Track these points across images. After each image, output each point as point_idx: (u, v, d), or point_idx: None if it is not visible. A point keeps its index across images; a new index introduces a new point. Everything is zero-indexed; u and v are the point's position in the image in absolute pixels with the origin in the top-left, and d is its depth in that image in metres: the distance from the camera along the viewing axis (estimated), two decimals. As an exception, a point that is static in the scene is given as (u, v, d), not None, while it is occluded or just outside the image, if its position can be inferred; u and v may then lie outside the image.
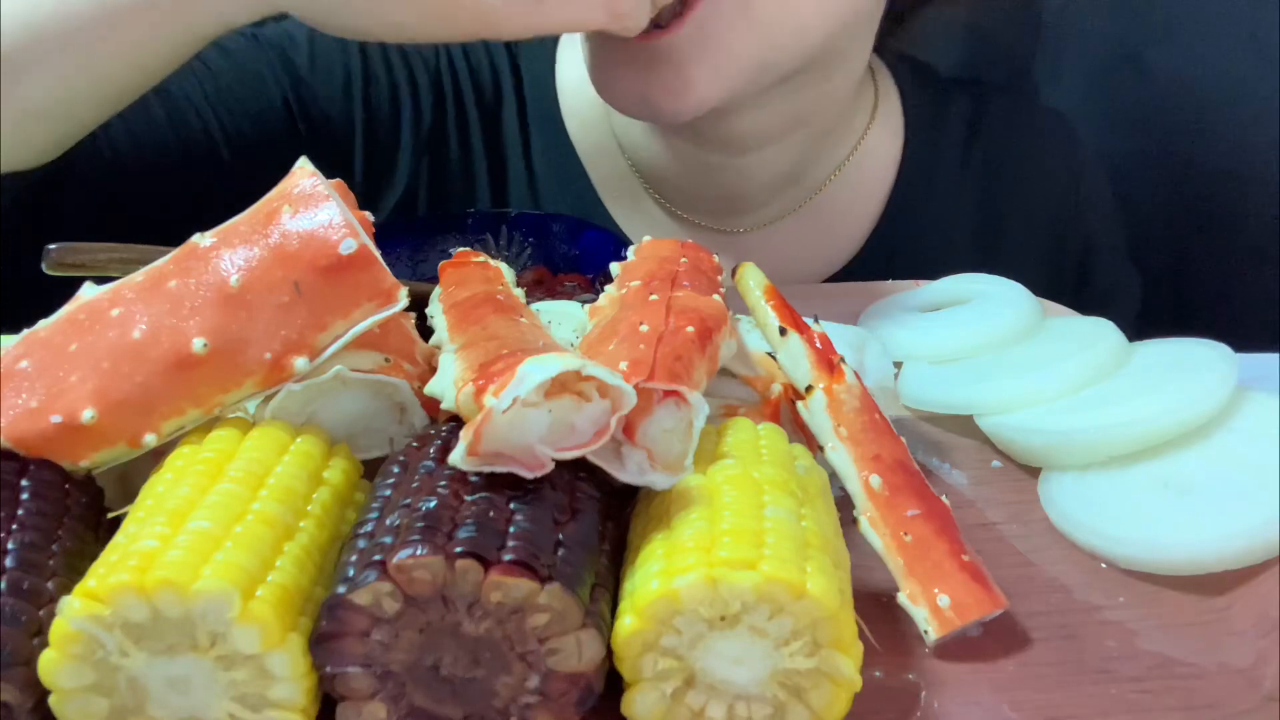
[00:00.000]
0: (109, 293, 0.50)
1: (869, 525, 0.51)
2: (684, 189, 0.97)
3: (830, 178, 0.99)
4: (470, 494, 0.43)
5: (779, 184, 0.96)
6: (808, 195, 0.98)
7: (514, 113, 0.98)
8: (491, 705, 0.41)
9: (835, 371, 0.55)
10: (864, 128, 1.00)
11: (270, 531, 0.42)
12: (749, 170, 0.94)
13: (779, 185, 0.96)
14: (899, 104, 1.02)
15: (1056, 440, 0.60)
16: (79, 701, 0.40)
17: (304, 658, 0.40)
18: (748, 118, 0.87)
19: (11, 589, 0.41)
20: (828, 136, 0.96)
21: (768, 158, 0.93)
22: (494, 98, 0.98)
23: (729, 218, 0.98)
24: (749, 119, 0.87)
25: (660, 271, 0.58)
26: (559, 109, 0.98)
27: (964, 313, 0.74)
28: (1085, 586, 0.54)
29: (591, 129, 0.98)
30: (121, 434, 0.48)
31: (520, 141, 0.98)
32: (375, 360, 0.52)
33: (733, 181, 0.94)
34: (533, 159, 0.98)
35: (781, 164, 0.94)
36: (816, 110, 0.91)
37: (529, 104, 0.99)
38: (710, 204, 0.97)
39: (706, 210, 0.98)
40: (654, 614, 0.41)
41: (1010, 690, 0.47)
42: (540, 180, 0.98)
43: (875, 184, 1.00)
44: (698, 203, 0.97)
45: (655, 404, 0.46)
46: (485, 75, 0.98)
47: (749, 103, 0.85)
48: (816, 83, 0.87)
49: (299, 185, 0.50)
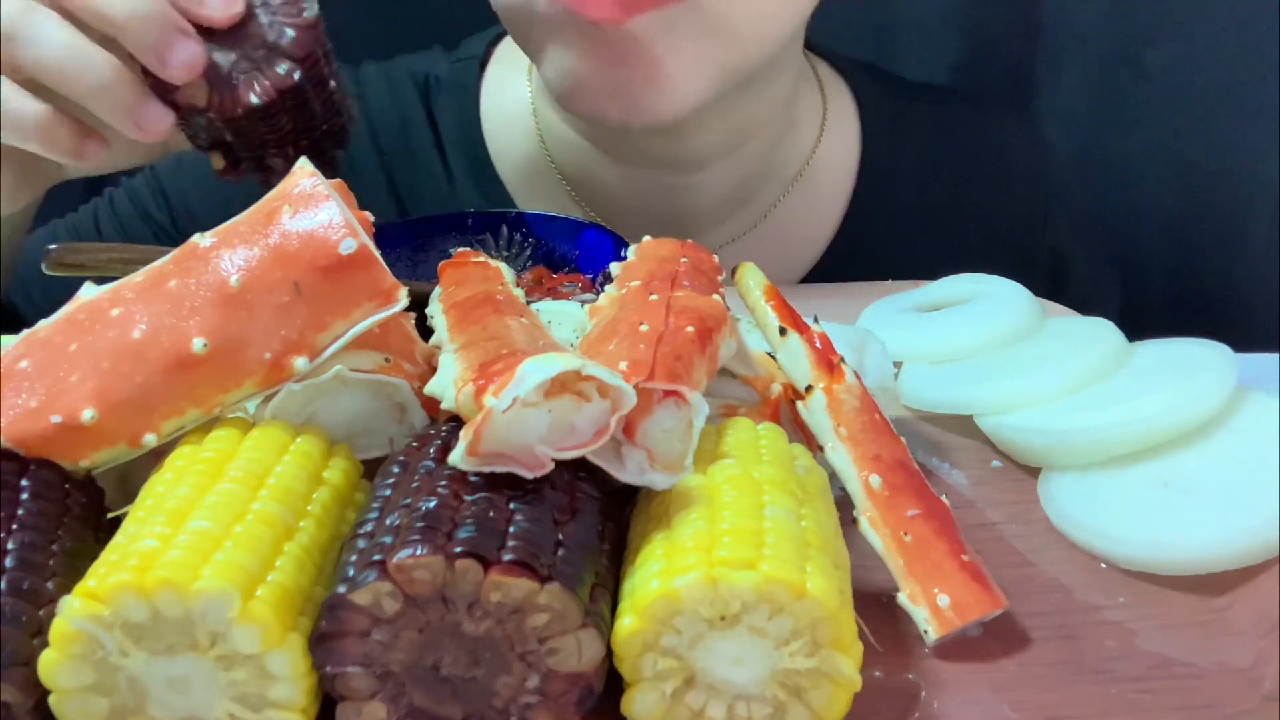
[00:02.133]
0: (109, 293, 0.50)
1: (869, 525, 0.51)
2: (631, 213, 0.95)
3: (783, 194, 0.97)
4: (470, 494, 0.43)
5: (729, 203, 0.95)
6: (762, 214, 0.97)
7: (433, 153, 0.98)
8: (491, 705, 0.41)
9: (835, 371, 0.55)
10: (814, 140, 0.98)
11: (270, 531, 0.42)
12: (697, 190, 0.92)
13: (729, 204, 0.95)
14: (855, 113, 1.00)
15: (1056, 440, 0.60)
16: (79, 701, 0.40)
17: (304, 658, 0.40)
18: (697, 132, 0.86)
19: (11, 589, 0.41)
20: (775, 150, 0.95)
21: (717, 174, 0.91)
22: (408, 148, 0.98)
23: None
24: (699, 133, 0.86)
25: (660, 271, 0.58)
26: (486, 149, 0.97)
27: (964, 313, 0.74)
28: (1085, 586, 0.54)
29: (523, 162, 0.97)
30: (121, 434, 0.48)
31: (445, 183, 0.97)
32: (375, 360, 0.52)
33: (682, 201, 0.93)
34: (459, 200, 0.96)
35: (730, 181, 0.92)
36: (759, 120, 0.90)
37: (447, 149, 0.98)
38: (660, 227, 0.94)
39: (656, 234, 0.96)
40: (654, 614, 0.41)
41: (1010, 690, 0.47)
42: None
43: (830, 197, 0.98)
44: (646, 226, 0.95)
45: (655, 404, 0.46)
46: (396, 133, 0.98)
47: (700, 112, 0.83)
48: (758, 91, 0.86)
49: (299, 185, 0.50)
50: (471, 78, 0.98)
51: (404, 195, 0.98)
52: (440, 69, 0.99)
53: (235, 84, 0.64)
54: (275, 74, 0.64)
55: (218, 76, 0.64)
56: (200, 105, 0.64)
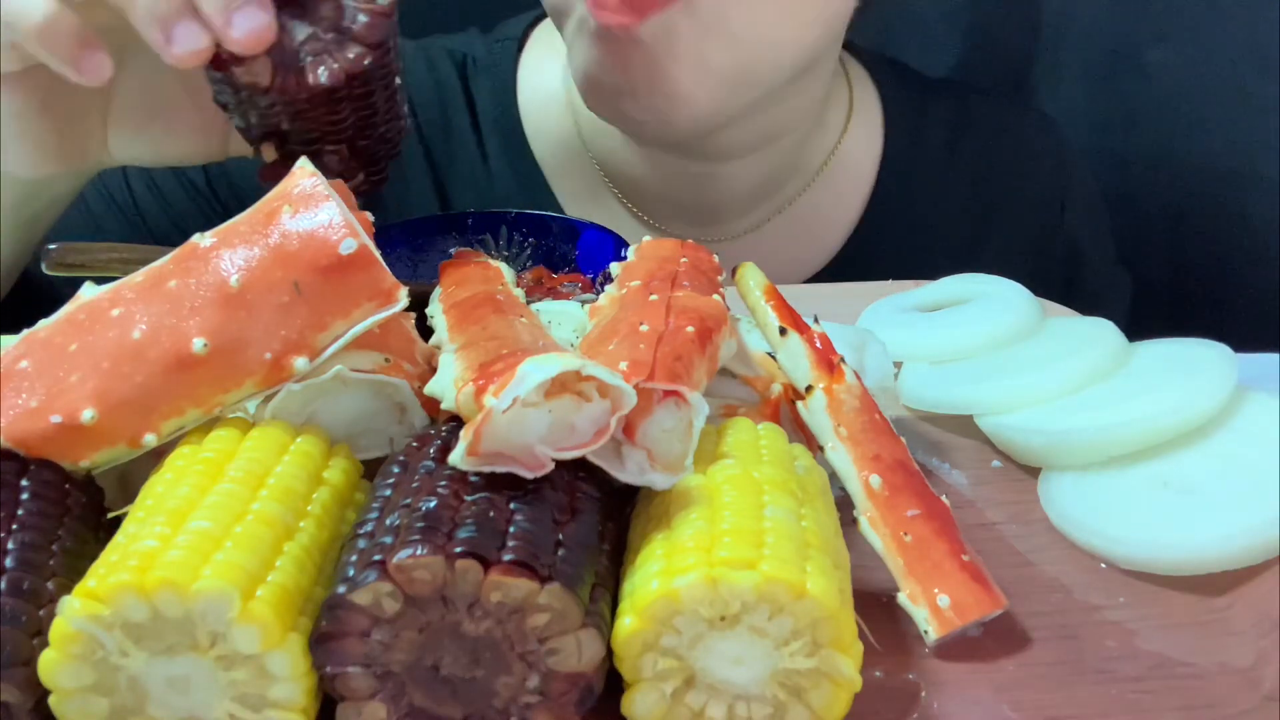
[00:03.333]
0: (109, 293, 0.50)
1: (869, 525, 0.51)
2: (660, 198, 0.96)
3: (808, 183, 0.98)
4: (470, 494, 0.43)
5: (756, 193, 0.96)
6: (786, 202, 0.98)
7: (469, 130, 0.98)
8: (491, 705, 0.41)
9: (835, 371, 0.55)
10: (840, 130, 0.99)
11: (270, 531, 0.42)
12: (726, 179, 0.93)
13: (756, 194, 0.96)
14: (878, 106, 1.01)
15: (1056, 440, 0.60)
16: (79, 701, 0.40)
17: (304, 658, 0.40)
18: (729, 130, 0.87)
19: (11, 589, 0.41)
20: (804, 142, 0.96)
21: (744, 167, 0.93)
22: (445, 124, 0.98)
23: (706, 227, 0.97)
24: (730, 131, 0.87)
25: (660, 271, 0.58)
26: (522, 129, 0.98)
27: (964, 313, 0.74)
28: (1085, 586, 0.54)
29: (558, 145, 0.98)
30: (121, 434, 0.48)
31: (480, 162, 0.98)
32: (375, 360, 0.52)
33: (710, 190, 0.94)
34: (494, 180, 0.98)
35: (759, 173, 0.94)
36: (793, 120, 0.92)
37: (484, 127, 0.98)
38: (687, 213, 0.97)
39: (683, 219, 0.97)
40: (654, 614, 0.41)
41: (1010, 690, 0.47)
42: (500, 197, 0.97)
43: (854, 187, 1.00)
44: (674, 211, 0.97)
45: (655, 404, 0.46)
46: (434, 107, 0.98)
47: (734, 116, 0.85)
48: (792, 95, 0.88)
49: (299, 185, 0.50)
50: (509, 59, 0.99)
51: (440, 171, 0.98)
52: (478, 50, 1.00)
53: (302, 64, 0.60)
54: (345, 57, 0.60)
55: (284, 54, 0.60)
56: (264, 85, 0.60)
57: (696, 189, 0.94)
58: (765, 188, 0.96)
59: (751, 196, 0.96)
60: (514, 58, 0.99)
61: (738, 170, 0.93)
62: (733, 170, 0.93)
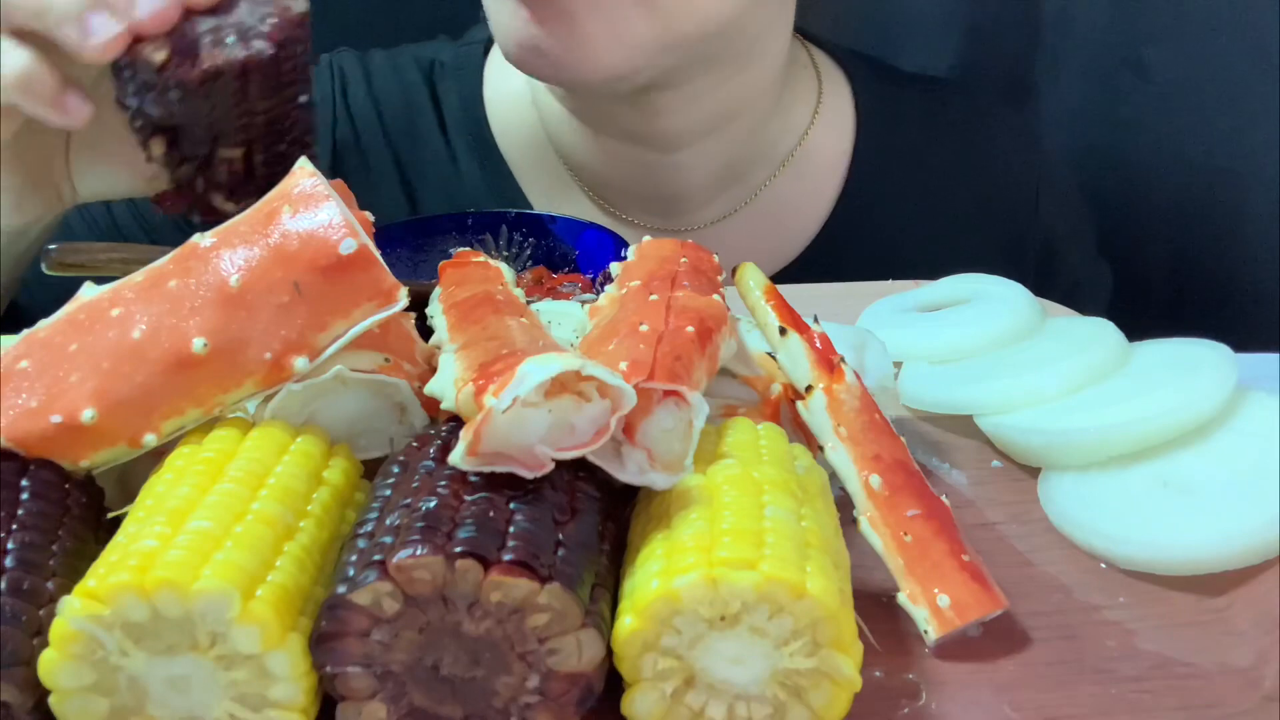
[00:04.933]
0: (109, 293, 0.50)
1: (869, 525, 0.51)
2: (623, 190, 0.97)
3: (773, 175, 0.98)
4: (470, 494, 0.43)
5: (717, 181, 0.96)
6: (751, 193, 0.98)
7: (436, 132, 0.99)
8: (491, 705, 0.41)
9: (835, 371, 0.55)
10: (807, 122, 0.99)
11: (270, 531, 0.42)
12: (683, 167, 0.94)
13: (717, 183, 0.96)
14: (849, 99, 1.01)
15: (1056, 440, 0.60)
16: (79, 701, 0.40)
17: (304, 658, 0.40)
18: (672, 110, 0.88)
19: (11, 589, 0.41)
20: (763, 130, 0.96)
21: (701, 153, 0.93)
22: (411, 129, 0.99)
23: (671, 218, 0.98)
24: (674, 112, 0.88)
25: (660, 271, 0.58)
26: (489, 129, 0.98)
27: (964, 313, 0.74)
28: (1085, 586, 0.54)
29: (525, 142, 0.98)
30: (121, 434, 0.48)
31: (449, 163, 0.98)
32: (375, 360, 0.52)
33: (669, 179, 0.95)
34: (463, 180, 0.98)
35: (716, 160, 0.94)
36: (743, 102, 0.91)
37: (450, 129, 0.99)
38: (650, 204, 0.97)
39: (647, 210, 0.98)
40: (654, 614, 0.41)
41: (1010, 690, 0.47)
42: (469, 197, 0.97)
43: (824, 180, 1.00)
44: (638, 203, 0.97)
45: (655, 404, 0.46)
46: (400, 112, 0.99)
47: (669, 91, 0.85)
48: (735, 73, 0.88)
49: (299, 185, 0.50)
50: (475, 61, 1.00)
51: (408, 174, 0.99)
52: (445, 55, 1.01)
53: (198, 51, 0.60)
54: (242, 47, 0.61)
55: (184, 40, 0.61)
56: (157, 62, 0.60)
57: (655, 179, 0.95)
58: (725, 177, 0.96)
59: (712, 185, 0.96)
60: (480, 60, 1.00)
61: (692, 159, 0.93)
62: (686, 159, 0.93)
